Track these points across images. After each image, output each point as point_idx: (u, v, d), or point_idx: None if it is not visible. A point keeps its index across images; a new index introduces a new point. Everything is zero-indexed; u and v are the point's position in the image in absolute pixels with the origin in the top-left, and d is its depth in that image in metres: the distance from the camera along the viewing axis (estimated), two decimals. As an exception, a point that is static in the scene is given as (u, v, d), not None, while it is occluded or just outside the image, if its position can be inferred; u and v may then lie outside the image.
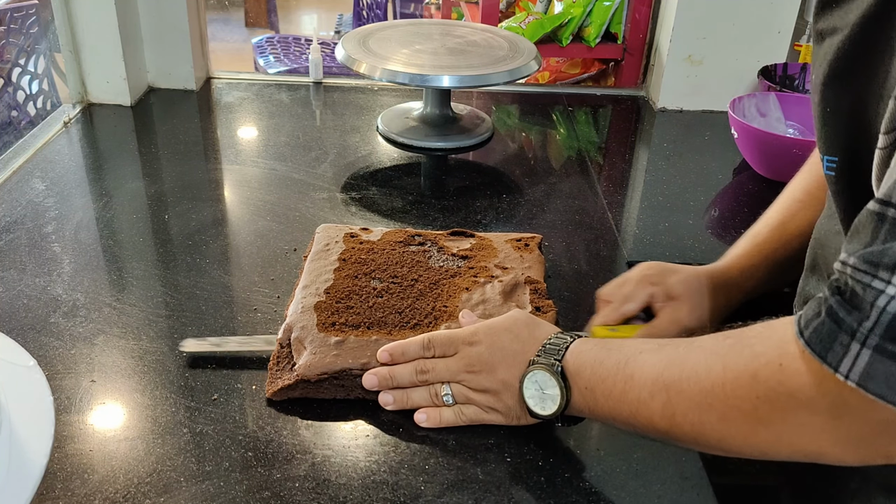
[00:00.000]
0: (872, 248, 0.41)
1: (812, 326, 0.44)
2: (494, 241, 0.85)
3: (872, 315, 0.40)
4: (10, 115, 2.34)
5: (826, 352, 0.42)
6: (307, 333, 0.70)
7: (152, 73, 1.35)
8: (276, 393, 0.67)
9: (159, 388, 0.68)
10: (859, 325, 0.40)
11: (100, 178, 1.07)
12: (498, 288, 0.76)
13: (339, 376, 0.67)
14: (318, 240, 0.85)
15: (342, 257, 0.81)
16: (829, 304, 0.43)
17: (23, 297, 0.79)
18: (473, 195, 1.05)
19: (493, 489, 0.60)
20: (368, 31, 1.25)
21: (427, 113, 1.24)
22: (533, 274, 0.80)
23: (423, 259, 0.82)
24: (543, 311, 0.74)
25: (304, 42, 3.49)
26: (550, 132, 1.33)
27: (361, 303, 0.74)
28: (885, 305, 0.39)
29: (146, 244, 0.91)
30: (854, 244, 0.43)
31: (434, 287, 0.77)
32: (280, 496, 0.58)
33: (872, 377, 0.40)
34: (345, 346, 0.68)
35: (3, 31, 2.31)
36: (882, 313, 0.39)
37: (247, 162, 1.12)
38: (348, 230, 0.86)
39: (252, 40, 3.52)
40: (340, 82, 1.44)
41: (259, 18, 4.88)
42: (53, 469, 0.60)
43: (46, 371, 0.69)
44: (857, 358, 0.40)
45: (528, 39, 1.27)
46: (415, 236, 0.85)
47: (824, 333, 0.42)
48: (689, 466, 0.63)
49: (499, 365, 0.63)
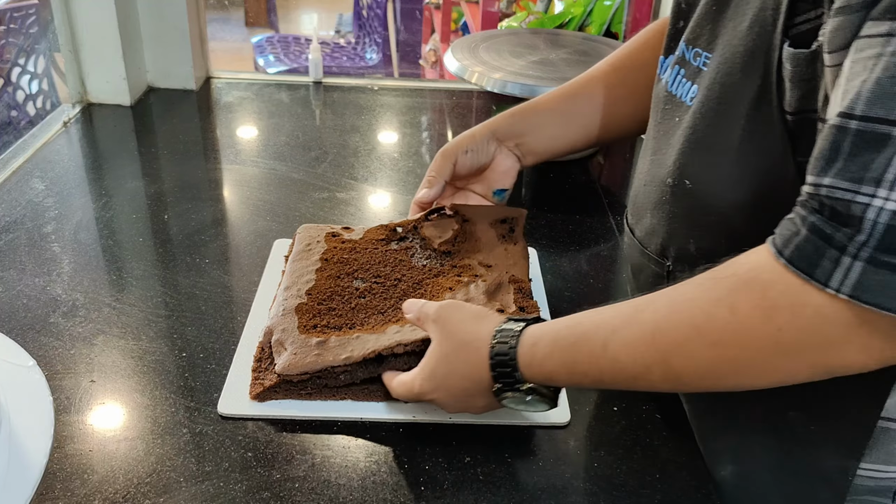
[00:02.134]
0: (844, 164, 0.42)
1: (793, 245, 0.44)
2: (478, 224, 0.83)
3: (865, 228, 0.41)
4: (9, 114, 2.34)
5: (813, 268, 0.43)
6: (288, 335, 0.68)
7: (152, 72, 1.35)
8: (259, 395, 0.66)
9: (159, 389, 0.68)
10: (850, 240, 0.41)
11: (99, 177, 1.07)
12: (482, 287, 0.74)
13: (323, 375, 0.66)
14: (299, 240, 0.83)
15: (324, 257, 0.79)
16: (811, 222, 0.43)
17: (22, 297, 0.79)
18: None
19: (493, 489, 0.60)
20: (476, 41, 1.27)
21: None
22: (517, 272, 0.77)
23: (406, 258, 0.80)
24: (528, 311, 0.72)
25: (303, 42, 3.49)
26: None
27: (343, 304, 0.73)
28: (875, 217, 0.40)
29: (146, 244, 0.91)
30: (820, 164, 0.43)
31: (417, 287, 0.75)
32: (280, 496, 0.58)
33: (867, 288, 0.41)
34: (326, 346, 0.67)
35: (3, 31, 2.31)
36: (875, 225, 0.40)
37: (246, 162, 1.12)
38: (330, 229, 0.84)
39: (252, 40, 3.53)
40: (340, 82, 1.44)
41: (259, 18, 4.88)
42: (53, 469, 0.60)
43: (46, 371, 0.69)
44: (848, 271, 0.41)
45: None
46: (395, 229, 0.83)
47: (809, 251, 0.43)
48: (691, 467, 0.63)
49: (470, 402, 0.60)
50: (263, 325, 0.74)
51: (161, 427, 0.64)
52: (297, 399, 0.67)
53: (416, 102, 1.39)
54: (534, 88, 1.11)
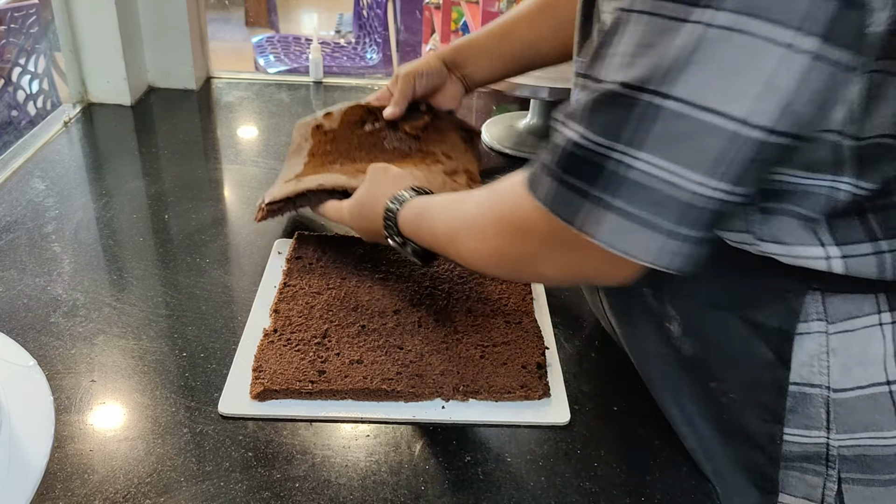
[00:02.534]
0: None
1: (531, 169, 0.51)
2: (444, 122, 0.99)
3: (556, 152, 0.48)
4: (10, 114, 2.34)
5: (533, 185, 0.50)
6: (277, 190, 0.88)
7: (152, 72, 1.35)
8: (259, 395, 0.66)
9: (159, 388, 0.68)
10: (549, 160, 0.49)
11: (100, 177, 1.07)
12: (441, 169, 0.91)
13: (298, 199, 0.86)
14: (294, 139, 0.99)
15: (311, 152, 0.95)
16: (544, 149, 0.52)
17: (23, 296, 0.79)
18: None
19: (493, 489, 0.60)
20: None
21: (534, 124, 1.24)
22: (472, 168, 0.95)
23: (379, 141, 0.96)
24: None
25: (304, 41, 3.49)
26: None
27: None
28: (560, 143, 0.47)
29: (146, 244, 0.91)
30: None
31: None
32: (280, 496, 0.58)
33: (554, 199, 0.48)
34: (302, 179, 0.87)
35: (4, 31, 2.31)
36: (558, 149, 0.48)
37: (247, 161, 1.12)
38: (315, 122, 0.98)
39: (252, 40, 3.53)
40: (341, 82, 1.44)
41: (259, 18, 4.88)
42: (53, 469, 0.60)
43: (46, 371, 0.69)
44: (547, 186, 0.49)
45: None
46: (371, 111, 0.98)
47: (534, 170, 0.51)
48: (691, 467, 0.63)
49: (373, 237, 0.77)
50: (264, 325, 0.74)
51: (161, 427, 0.64)
52: (297, 399, 0.67)
53: (416, 102, 1.39)
54: (534, 88, 1.11)
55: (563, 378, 0.71)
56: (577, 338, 0.77)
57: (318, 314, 0.75)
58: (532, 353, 0.72)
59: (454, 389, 0.67)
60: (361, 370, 0.68)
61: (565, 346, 0.76)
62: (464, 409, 0.67)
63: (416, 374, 0.68)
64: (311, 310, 0.75)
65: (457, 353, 0.71)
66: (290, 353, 0.70)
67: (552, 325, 0.78)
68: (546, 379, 0.69)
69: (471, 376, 0.69)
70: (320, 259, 0.84)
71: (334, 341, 0.72)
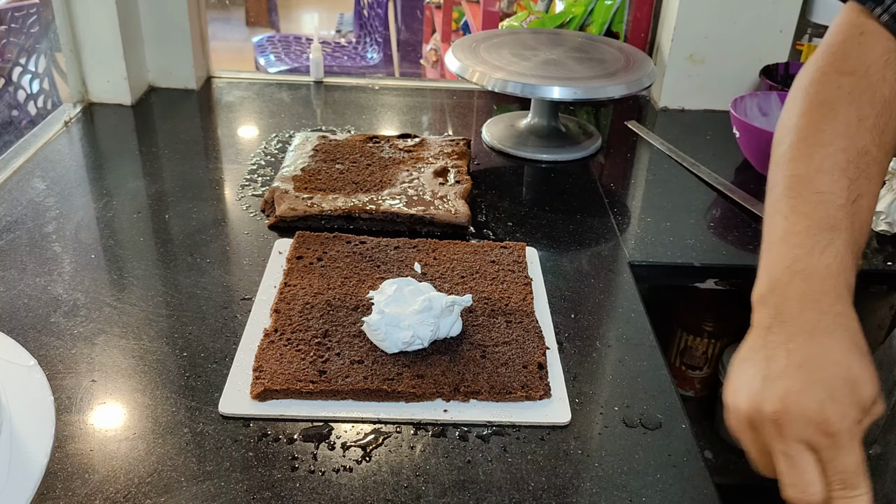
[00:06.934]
0: None
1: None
2: (433, 142, 1.11)
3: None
4: (10, 114, 2.34)
5: None
6: (288, 194, 0.95)
7: (153, 72, 1.35)
8: (260, 395, 0.66)
9: (160, 388, 0.68)
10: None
11: (100, 177, 1.07)
12: (430, 168, 1.02)
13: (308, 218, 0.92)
14: (298, 138, 1.11)
15: (316, 149, 1.07)
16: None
17: (23, 296, 0.79)
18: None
19: (493, 489, 0.60)
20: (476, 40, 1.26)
21: (534, 123, 1.24)
22: (461, 164, 1.04)
23: (377, 151, 1.08)
24: (462, 183, 0.99)
25: (304, 41, 3.49)
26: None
27: (327, 176, 1.00)
28: None
29: (147, 244, 0.91)
30: None
31: (383, 168, 1.03)
32: (280, 496, 0.58)
33: None
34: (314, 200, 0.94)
35: (4, 31, 2.31)
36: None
37: (247, 161, 1.12)
38: (321, 134, 1.12)
39: (253, 39, 3.53)
40: (341, 81, 1.44)
41: (260, 17, 4.88)
42: (54, 469, 0.60)
43: (47, 371, 0.69)
44: None
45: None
46: (372, 138, 1.11)
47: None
48: (691, 467, 0.63)
49: None
50: (264, 325, 0.74)
51: (162, 427, 0.64)
52: (297, 399, 0.67)
53: (416, 102, 1.39)
54: (535, 88, 1.11)
55: (563, 378, 0.71)
56: (578, 338, 0.77)
57: (318, 314, 0.75)
58: (533, 353, 0.72)
59: (455, 389, 0.67)
60: (362, 370, 0.68)
61: (566, 347, 0.76)
62: (464, 410, 0.67)
63: (416, 374, 0.68)
64: (312, 310, 0.76)
65: (457, 354, 0.71)
66: (291, 353, 0.70)
67: (553, 325, 0.78)
68: (547, 379, 0.69)
69: (471, 376, 0.69)
70: (321, 259, 0.84)
71: (335, 341, 0.72)
